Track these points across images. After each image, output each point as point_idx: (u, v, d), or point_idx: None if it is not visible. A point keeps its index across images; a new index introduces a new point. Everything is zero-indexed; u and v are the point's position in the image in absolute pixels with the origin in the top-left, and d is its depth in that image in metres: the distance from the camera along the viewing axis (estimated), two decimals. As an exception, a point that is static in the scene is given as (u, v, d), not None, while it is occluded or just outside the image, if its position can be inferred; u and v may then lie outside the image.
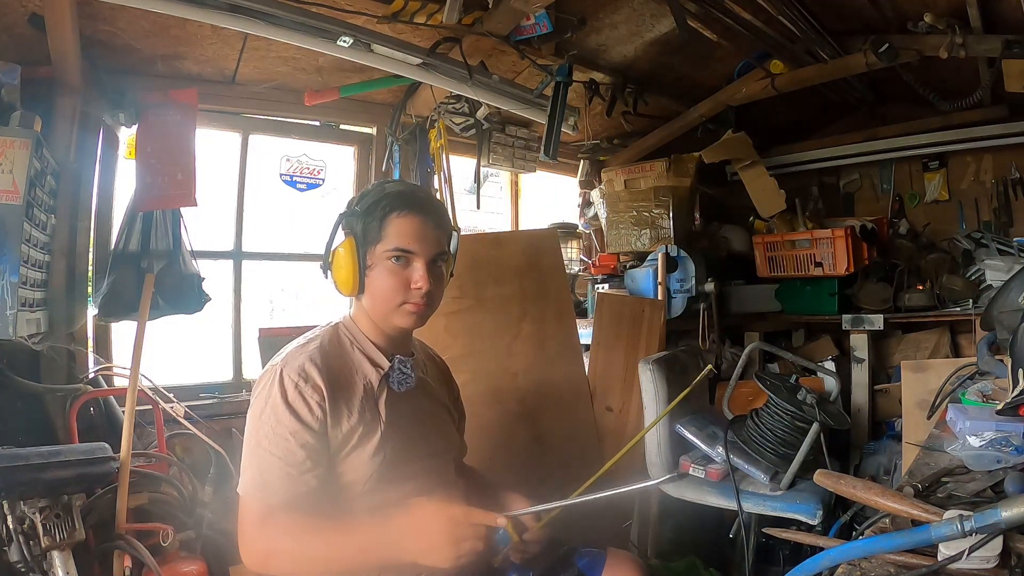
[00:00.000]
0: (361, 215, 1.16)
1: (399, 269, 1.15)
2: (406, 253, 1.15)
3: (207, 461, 2.02)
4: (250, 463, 1.08)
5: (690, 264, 3.00)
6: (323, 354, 1.14)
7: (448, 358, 2.09)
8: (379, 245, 1.15)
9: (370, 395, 1.17)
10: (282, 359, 1.13)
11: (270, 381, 1.10)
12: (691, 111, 3.23)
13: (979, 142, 3.37)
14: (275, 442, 1.06)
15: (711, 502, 1.93)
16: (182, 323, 2.08)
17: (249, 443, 1.10)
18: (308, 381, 1.09)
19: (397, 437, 1.17)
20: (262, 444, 1.07)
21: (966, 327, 3.19)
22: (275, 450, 1.06)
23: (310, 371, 1.10)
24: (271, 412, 1.08)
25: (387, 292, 1.16)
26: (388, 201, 1.15)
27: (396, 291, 1.15)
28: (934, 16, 2.38)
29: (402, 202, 1.15)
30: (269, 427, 1.07)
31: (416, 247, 1.15)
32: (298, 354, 1.13)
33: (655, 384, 2.02)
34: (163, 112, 2.00)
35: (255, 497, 1.07)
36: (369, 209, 1.15)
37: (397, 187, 1.20)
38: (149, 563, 1.64)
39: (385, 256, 1.15)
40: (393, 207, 1.15)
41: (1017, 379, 1.19)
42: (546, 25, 2.33)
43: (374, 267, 1.16)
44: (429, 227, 1.17)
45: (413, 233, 1.15)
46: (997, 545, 0.74)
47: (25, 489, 1.45)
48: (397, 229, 1.14)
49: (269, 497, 1.05)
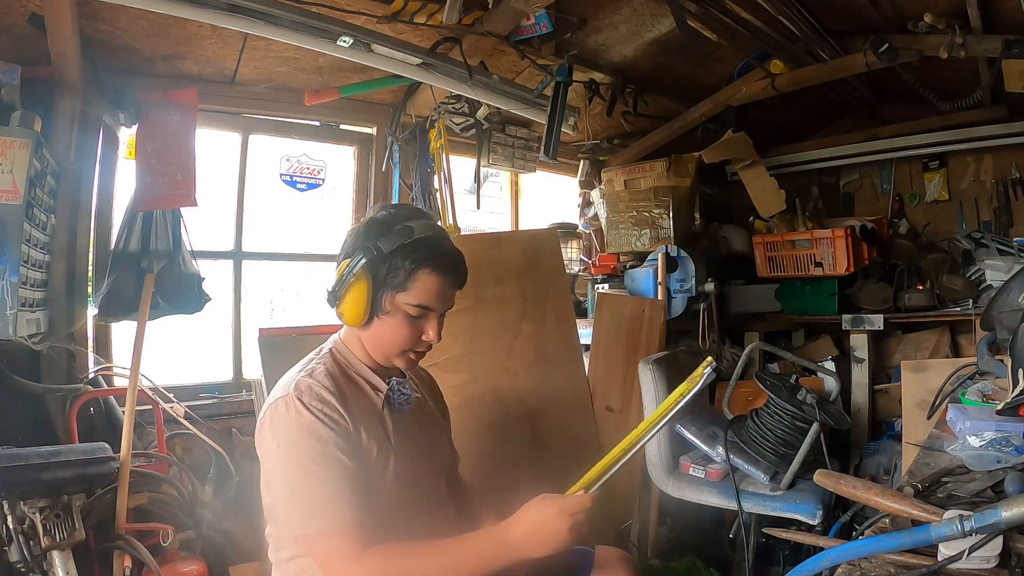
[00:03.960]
0: (387, 257, 1.09)
1: (415, 322, 1.13)
2: (428, 310, 1.13)
3: (207, 461, 2.03)
4: (306, 497, 1.01)
5: (690, 264, 3.00)
6: (331, 380, 1.11)
7: (448, 358, 2.09)
8: (401, 295, 1.11)
9: (376, 418, 1.16)
10: (293, 389, 1.08)
11: (288, 410, 1.05)
12: (691, 111, 3.23)
13: (979, 142, 3.37)
14: (327, 464, 1.02)
15: (711, 502, 1.93)
16: (182, 323, 2.08)
17: (293, 477, 1.03)
18: (326, 404, 1.07)
19: (406, 457, 1.17)
20: (315, 472, 1.01)
21: (966, 327, 3.19)
22: (331, 470, 1.01)
23: (325, 396, 1.07)
24: (309, 435, 1.03)
25: (398, 340, 1.14)
26: (421, 254, 1.10)
27: (407, 341, 1.14)
28: (934, 16, 2.38)
29: (436, 260, 1.11)
30: (314, 451, 1.02)
31: (439, 306, 1.14)
32: (305, 382, 1.09)
33: (655, 384, 2.02)
34: (163, 112, 2.00)
35: (335, 530, 1.00)
36: (396, 253, 1.09)
37: (426, 231, 1.12)
38: (149, 563, 1.65)
39: (406, 308, 1.11)
40: (426, 262, 1.10)
41: (1017, 379, 1.19)
42: (546, 25, 2.33)
43: (391, 313, 1.12)
44: (451, 288, 1.15)
45: (439, 292, 1.13)
46: (997, 545, 0.74)
47: (25, 489, 1.45)
48: (425, 286, 1.11)
49: (340, 521, 1.00)
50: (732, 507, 1.86)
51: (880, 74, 2.94)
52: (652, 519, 2.51)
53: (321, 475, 1.01)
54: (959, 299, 3.16)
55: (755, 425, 1.94)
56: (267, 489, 1.14)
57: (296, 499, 1.03)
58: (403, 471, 1.15)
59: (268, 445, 1.07)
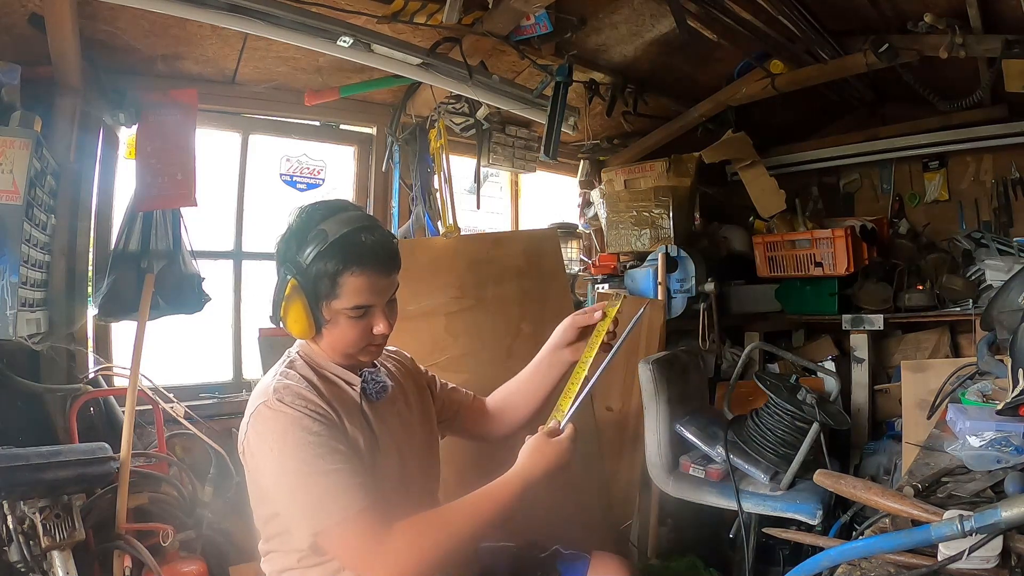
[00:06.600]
0: (309, 269, 1.06)
1: (359, 321, 1.11)
2: (367, 308, 1.11)
3: (207, 461, 2.02)
4: (316, 491, 1.00)
5: (690, 264, 3.00)
6: (306, 380, 1.10)
7: (448, 358, 2.09)
8: (335, 302, 1.08)
9: (356, 410, 1.15)
10: (272, 392, 1.07)
11: (273, 413, 1.04)
12: (691, 111, 3.23)
13: (979, 142, 3.38)
14: (326, 454, 1.01)
15: (711, 502, 1.93)
16: (182, 323, 2.08)
17: (296, 475, 1.01)
18: (308, 401, 1.06)
19: (392, 445, 1.18)
20: (317, 465, 1.00)
21: (966, 327, 3.19)
22: (332, 459, 1.01)
23: (304, 394, 1.07)
24: (301, 431, 1.02)
25: (349, 342, 1.13)
26: (340, 257, 1.05)
27: (359, 340, 1.13)
28: (934, 16, 2.38)
29: (356, 260, 1.06)
30: (310, 445, 1.01)
31: (376, 300, 1.11)
32: (282, 383, 1.08)
33: (655, 384, 2.02)
34: (163, 112, 2.00)
35: (354, 515, 0.99)
36: (315, 262, 1.05)
37: (340, 230, 1.06)
38: (149, 563, 1.65)
39: (344, 313, 1.09)
40: (346, 264, 1.05)
41: (1017, 379, 1.19)
42: (546, 25, 2.33)
43: (332, 321, 1.10)
44: (383, 278, 1.11)
45: (371, 288, 1.09)
46: (997, 545, 0.74)
47: (25, 489, 1.45)
48: (354, 288, 1.07)
49: (357, 506, 1.00)
50: (732, 507, 1.86)
51: (880, 74, 2.94)
52: (652, 519, 2.52)
53: (324, 466, 1.00)
54: (959, 299, 3.16)
55: (755, 425, 1.94)
56: (263, 500, 1.12)
57: (305, 496, 1.01)
58: (390, 459, 1.15)
59: (260, 453, 1.05)
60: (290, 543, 1.10)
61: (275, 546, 1.15)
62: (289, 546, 1.11)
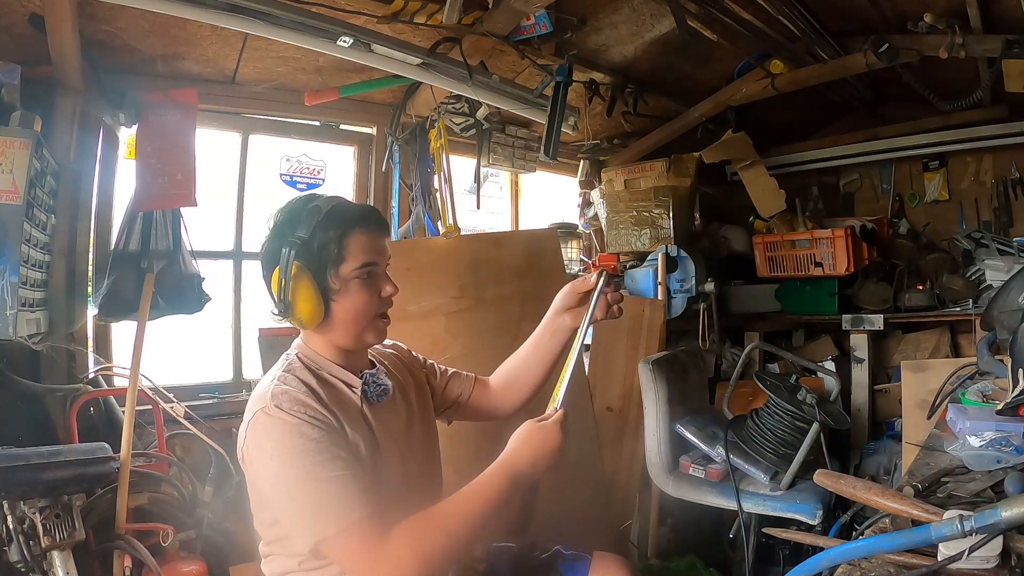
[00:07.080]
0: (312, 240, 1.09)
1: (368, 284, 1.14)
2: (374, 266, 1.14)
3: (207, 461, 2.03)
4: (315, 499, 0.99)
5: (690, 264, 3.00)
6: (305, 384, 1.09)
7: (448, 358, 2.09)
8: (343, 265, 1.11)
9: (357, 414, 1.14)
10: (270, 398, 1.05)
11: (271, 419, 1.03)
12: (691, 111, 3.23)
13: (979, 142, 3.37)
14: (325, 461, 1.00)
15: (711, 502, 1.93)
16: (182, 323, 2.08)
17: (295, 483, 1.00)
18: (307, 407, 1.05)
19: (394, 447, 1.17)
20: (316, 472, 0.99)
21: (966, 327, 3.19)
22: (331, 467, 1.00)
23: (303, 399, 1.06)
24: (299, 437, 1.01)
25: (363, 308, 1.14)
26: (340, 219, 1.11)
27: (371, 304, 1.14)
28: (934, 16, 2.38)
29: (356, 219, 1.13)
30: (308, 451, 1.00)
31: (380, 258, 1.15)
32: (280, 389, 1.07)
33: (655, 384, 2.02)
34: (163, 112, 2.00)
35: (354, 523, 0.98)
36: (317, 232, 1.10)
37: (330, 202, 1.14)
38: (149, 563, 1.65)
39: (355, 275, 1.12)
40: (349, 223, 1.12)
41: (1017, 379, 1.19)
42: (546, 25, 2.33)
43: (342, 289, 1.12)
44: (381, 238, 1.17)
45: (374, 246, 1.14)
46: (997, 545, 0.74)
47: (25, 489, 1.45)
48: (360, 245, 1.12)
49: (358, 514, 0.98)
50: (732, 507, 1.86)
51: (880, 74, 2.94)
52: (652, 519, 2.52)
53: (323, 474, 0.99)
54: (959, 299, 3.16)
55: (755, 425, 1.94)
56: (263, 506, 1.12)
57: (305, 504, 1.00)
58: (391, 463, 1.15)
59: (259, 460, 1.05)
60: (291, 547, 1.10)
61: (276, 549, 1.14)
62: (290, 550, 1.11)
